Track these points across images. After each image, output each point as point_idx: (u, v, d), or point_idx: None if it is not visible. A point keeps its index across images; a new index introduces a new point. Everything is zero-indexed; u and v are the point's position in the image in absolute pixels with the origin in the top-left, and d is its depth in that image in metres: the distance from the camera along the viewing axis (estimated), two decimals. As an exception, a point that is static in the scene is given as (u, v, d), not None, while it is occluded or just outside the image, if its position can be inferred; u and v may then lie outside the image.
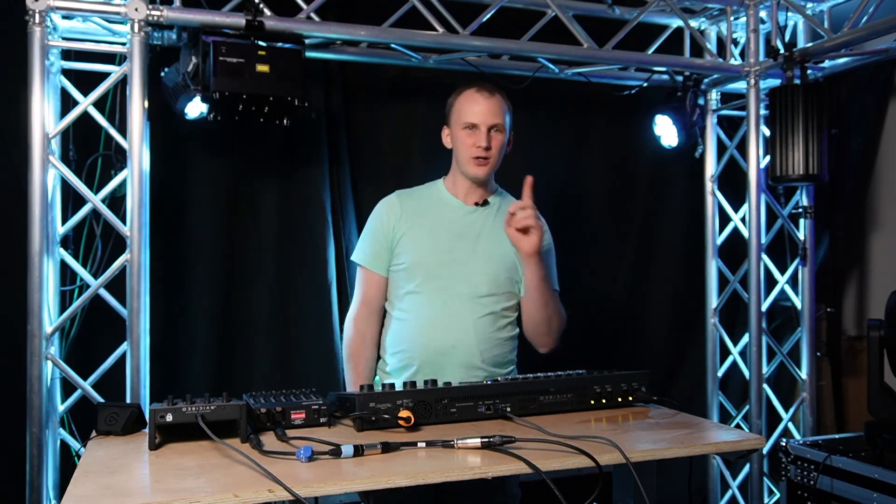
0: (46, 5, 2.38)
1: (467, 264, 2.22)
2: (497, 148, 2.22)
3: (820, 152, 2.97)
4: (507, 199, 2.36)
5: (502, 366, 2.27)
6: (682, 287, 3.65)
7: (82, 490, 1.34)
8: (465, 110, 2.21)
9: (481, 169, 2.22)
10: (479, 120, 2.19)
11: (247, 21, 2.54)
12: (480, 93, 2.21)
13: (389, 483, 1.38)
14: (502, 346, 2.26)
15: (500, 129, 2.21)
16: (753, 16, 3.23)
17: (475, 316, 2.20)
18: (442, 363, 2.18)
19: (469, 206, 2.29)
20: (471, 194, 2.30)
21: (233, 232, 2.98)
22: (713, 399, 3.56)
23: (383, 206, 2.33)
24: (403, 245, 2.25)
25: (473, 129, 2.20)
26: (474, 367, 2.19)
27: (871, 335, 2.50)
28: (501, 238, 2.18)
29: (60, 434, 2.56)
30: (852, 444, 2.62)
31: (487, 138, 2.18)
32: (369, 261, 2.30)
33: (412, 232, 2.26)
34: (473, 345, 2.19)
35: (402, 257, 2.25)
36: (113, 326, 2.54)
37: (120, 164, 2.61)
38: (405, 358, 2.23)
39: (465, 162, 2.23)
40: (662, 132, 3.39)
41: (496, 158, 2.23)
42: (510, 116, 2.26)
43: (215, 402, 1.60)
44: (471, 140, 2.20)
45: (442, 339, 2.19)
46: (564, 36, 2.97)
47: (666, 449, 1.58)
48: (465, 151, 2.22)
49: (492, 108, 2.19)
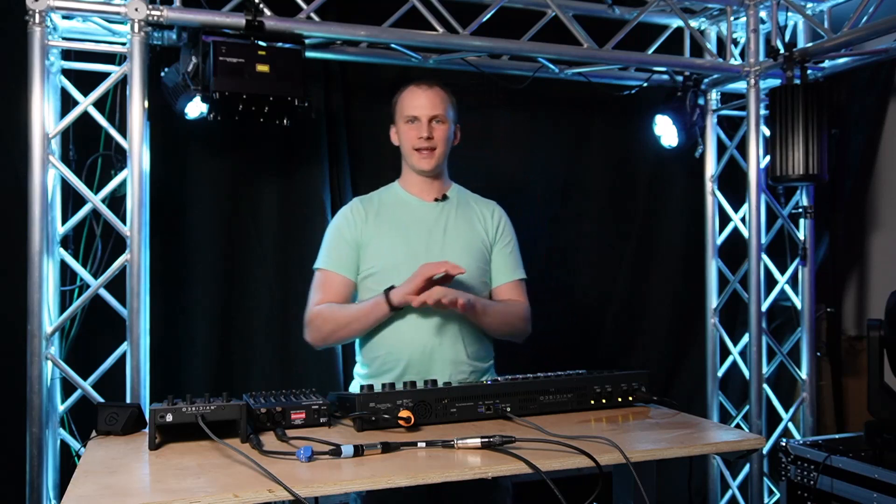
0: (46, 5, 2.38)
1: (443, 258, 2.18)
2: (441, 139, 2.25)
3: (820, 152, 2.97)
4: (464, 191, 2.40)
5: (484, 360, 2.27)
6: (682, 287, 3.65)
7: (82, 490, 1.34)
8: (405, 104, 2.26)
9: (426, 161, 2.25)
10: (419, 112, 2.23)
11: (247, 21, 2.54)
12: (419, 87, 2.25)
13: (389, 483, 1.38)
14: (483, 339, 2.26)
15: (442, 119, 2.24)
16: (753, 16, 3.23)
17: (458, 312, 2.16)
18: (429, 362, 2.17)
19: (429, 202, 2.31)
20: (427, 190, 2.32)
21: (233, 232, 2.98)
22: (713, 399, 3.56)
23: (348, 211, 2.31)
24: (372, 249, 2.24)
25: (415, 122, 2.24)
26: (461, 363, 2.19)
27: (871, 335, 2.50)
28: (468, 230, 2.27)
29: (60, 434, 2.56)
30: (852, 444, 2.62)
31: (429, 129, 2.22)
32: (338, 264, 2.24)
33: (379, 235, 2.25)
34: (459, 340, 2.19)
35: (371, 261, 2.23)
36: (113, 326, 2.54)
37: (120, 164, 2.61)
38: (388, 361, 2.19)
39: (409, 154, 2.27)
40: (662, 132, 3.39)
41: (441, 149, 2.26)
42: (453, 109, 2.29)
43: (215, 402, 1.60)
44: (413, 132, 2.24)
45: (429, 337, 2.16)
46: (564, 36, 2.97)
47: (666, 449, 1.58)
48: (408, 144, 2.26)
49: (431, 100, 2.23)
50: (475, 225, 2.32)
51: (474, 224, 2.32)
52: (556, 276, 3.44)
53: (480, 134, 3.29)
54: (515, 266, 2.35)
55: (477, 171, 3.24)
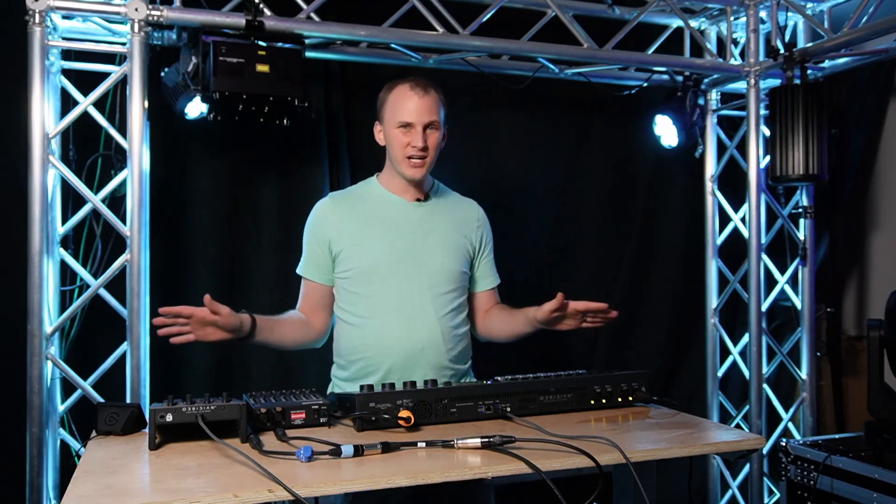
0: (46, 5, 2.38)
1: (425, 260, 2.17)
2: (433, 146, 2.14)
3: (820, 152, 2.97)
4: (443, 189, 2.33)
5: (464, 362, 2.25)
6: (682, 287, 3.64)
7: (82, 490, 1.34)
8: (399, 108, 2.12)
9: (417, 170, 2.14)
10: (414, 119, 2.10)
11: (247, 21, 2.55)
12: (415, 90, 2.11)
13: (389, 483, 1.38)
14: (463, 341, 2.23)
15: (436, 126, 2.13)
16: (753, 16, 3.23)
17: (439, 314, 2.15)
18: (410, 365, 2.11)
19: (411, 202, 2.22)
20: (408, 190, 2.22)
21: (233, 232, 2.98)
22: (713, 399, 3.56)
23: (318, 210, 2.25)
24: (350, 249, 2.16)
25: (408, 128, 2.11)
26: (442, 367, 2.15)
27: (871, 335, 2.50)
28: (452, 233, 2.22)
29: (60, 434, 2.56)
30: (852, 444, 2.62)
31: (423, 138, 2.10)
32: (310, 270, 2.21)
33: (357, 234, 2.17)
34: (441, 344, 2.14)
35: (349, 262, 2.16)
36: (113, 326, 2.54)
37: (120, 164, 2.61)
38: (370, 365, 2.14)
39: (399, 161, 2.15)
40: (662, 132, 3.39)
41: (432, 156, 2.15)
42: (444, 110, 2.18)
43: (215, 402, 1.60)
44: (406, 139, 2.12)
45: (410, 341, 2.12)
46: (564, 36, 2.97)
47: (666, 449, 1.58)
48: (399, 151, 2.13)
49: (428, 106, 2.10)
50: (458, 227, 2.26)
51: (457, 226, 2.26)
52: (556, 276, 3.44)
53: (480, 134, 3.30)
54: (495, 270, 2.35)
55: (477, 171, 3.25)
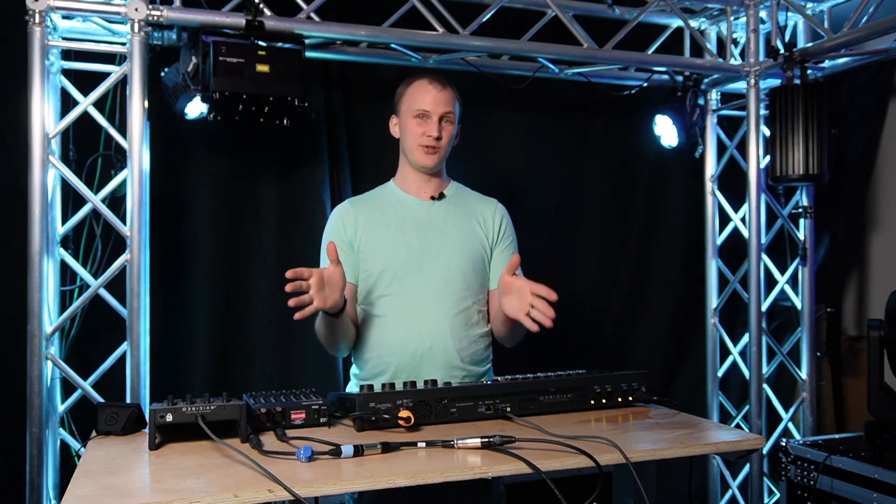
0: (46, 5, 2.39)
1: (437, 258, 2.18)
2: (447, 138, 2.21)
3: (820, 152, 2.97)
4: (463, 190, 2.35)
5: (480, 363, 2.23)
6: (682, 287, 3.65)
7: (82, 490, 1.34)
8: (416, 98, 2.19)
9: (430, 158, 2.19)
10: (430, 108, 2.17)
11: (247, 21, 2.55)
12: (433, 84, 2.19)
13: (389, 483, 1.38)
14: (478, 342, 2.22)
15: (451, 119, 2.20)
16: (753, 16, 3.23)
17: (449, 313, 2.16)
18: (419, 366, 2.12)
19: (426, 200, 2.26)
20: (424, 188, 2.27)
21: (233, 232, 2.98)
22: (713, 399, 3.56)
23: (338, 215, 2.27)
24: (368, 252, 2.19)
25: (424, 118, 2.18)
26: (453, 367, 2.15)
27: (871, 335, 2.50)
28: (467, 231, 2.22)
29: (60, 434, 2.56)
30: (852, 444, 2.62)
31: (438, 128, 2.17)
32: None
33: (375, 237, 2.20)
34: (451, 344, 2.15)
35: (368, 262, 2.19)
36: (113, 326, 2.54)
37: (120, 164, 2.61)
38: (379, 364, 2.17)
39: (413, 150, 2.20)
40: (662, 132, 3.39)
41: (446, 149, 2.22)
42: (460, 108, 2.25)
43: (215, 402, 1.60)
44: (421, 129, 2.18)
45: (418, 340, 2.13)
46: (564, 36, 2.97)
47: (666, 449, 1.58)
48: (414, 140, 2.19)
49: (445, 98, 2.19)
50: (474, 225, 2.28)
51: (473, 224, 2.28)
52: (556, 276, 3.43)
53: (480, 134, 3.29)
54: None
55: (477, 171, 3.24)
